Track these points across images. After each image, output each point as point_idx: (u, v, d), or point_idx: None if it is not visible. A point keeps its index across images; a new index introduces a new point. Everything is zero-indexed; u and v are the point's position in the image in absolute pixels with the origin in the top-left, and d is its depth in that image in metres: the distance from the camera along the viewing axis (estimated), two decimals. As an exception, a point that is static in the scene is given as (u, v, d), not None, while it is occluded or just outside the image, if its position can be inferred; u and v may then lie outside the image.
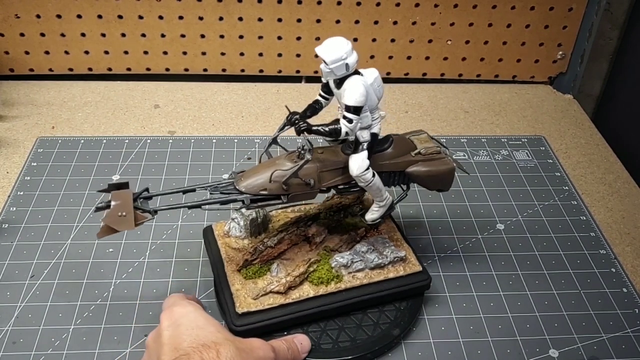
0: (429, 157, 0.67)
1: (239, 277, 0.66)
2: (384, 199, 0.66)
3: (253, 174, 0.63)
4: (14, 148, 0.92)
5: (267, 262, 0.67)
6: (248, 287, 0.65)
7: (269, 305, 0.63)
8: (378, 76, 0.62)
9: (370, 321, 0.66)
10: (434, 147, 0.67)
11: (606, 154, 0.98)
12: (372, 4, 1.04)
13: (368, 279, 0.67)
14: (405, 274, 0.68)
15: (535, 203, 0.86)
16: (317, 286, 0.66)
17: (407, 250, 0.70)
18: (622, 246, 0.81)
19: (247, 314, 0.63)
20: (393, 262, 0.68)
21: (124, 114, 1.01)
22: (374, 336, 0.65)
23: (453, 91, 1.12)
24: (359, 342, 0.64)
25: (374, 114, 0.62)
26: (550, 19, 1.07)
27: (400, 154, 0.66)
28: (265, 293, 0.64)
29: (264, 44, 1.08)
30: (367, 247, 0.69)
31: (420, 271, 0.68)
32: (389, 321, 0.66)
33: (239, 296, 0.64)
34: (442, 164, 0.67)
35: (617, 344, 0.67)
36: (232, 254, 0.69)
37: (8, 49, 1.05)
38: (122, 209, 0.59)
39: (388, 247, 0.69)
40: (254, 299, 0.64)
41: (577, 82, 1.11)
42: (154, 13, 1.03)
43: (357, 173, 0.62)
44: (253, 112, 1.03)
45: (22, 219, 0.79)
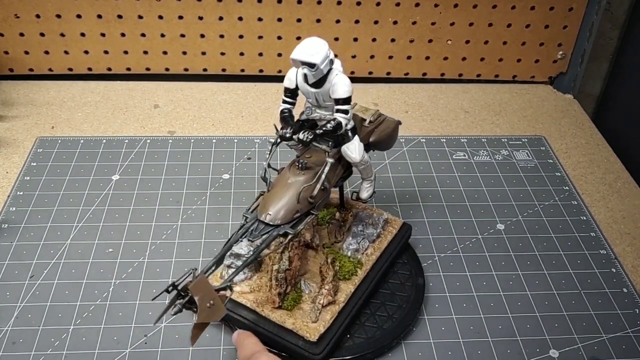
0: (378, 122, 0.71)
1: (281, 313, 0.63)
2: (373, 174, 0.69)
3: (276, 202, 0.60)
4: (14, 148, 0.92)
5: (295, 285, 0.65)
6: (299, 316, 0.62)
7: (331, 318, 0.62)
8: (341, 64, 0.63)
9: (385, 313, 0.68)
10: (374, 110, 0.71)
11: (606, 154, 0.98)
12: (372, 3, 1.04)
13: (378, 250, 0.71)
14: (396, 231, 0.73)
15: (535, 203, 0.86)
16: (349, 280, 0.67)
17: (383, 211, 0.75)
18: (623, 246, 0.81)
19: (321, 338, 0.61)
20: (383, 226, 0.73)
21: (124, 114, 1.01)
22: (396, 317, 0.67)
23: (453, 91, 1.12)
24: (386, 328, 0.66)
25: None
26: (551, 18, 1.07)
27: (360, 128, 0.68)
28: (319, 310, 0.62)
29: (264, 44, 1.08)
30: (362, 226, 0.72)
31: (403, 223, 0.75)
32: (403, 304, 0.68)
33: (301, 328, 0.61)
34: (389, 125, 0.71)
35: (618, 344, 0.67)
36: (252, 297, 0.64)
37: (8, 49, 1.05)
38: (208, 299, 0.53)
39: (372, 217, 0.74)
40: (313, 322, 0.62)
41: (577, 82, 1.11)
42: (153, 13, 1.03)
43: (360, 158, 0.64)
44: (253, 112, 1.03)
45: (22, 219, 0.79)
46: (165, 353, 0.64)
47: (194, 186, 0.86)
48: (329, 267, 0.66)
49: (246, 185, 0.86)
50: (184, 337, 0.65)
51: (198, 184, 0.86)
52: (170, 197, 0.84)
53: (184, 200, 0.83)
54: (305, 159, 0.63)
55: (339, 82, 0.60)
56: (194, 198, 0.84)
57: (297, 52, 0.59)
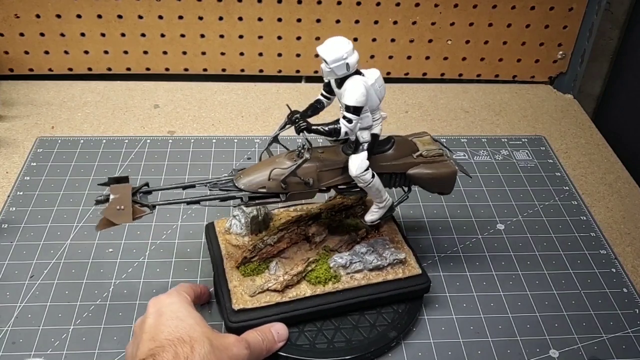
0: (430, 160, 0.66)
1: (237, 274, 0.66)
2: (383, 200, 0.66)
3: (252, 171, 0.63)
4: (14, 148, 0.92)
5: (266, 260, 0.67)
6: (246, 284, 0.65)
7: (265, 302, 0.64)
8: (379, 76, 0.61)
9: (367, 322, 0.66)
10: (436, 149, 0.67)
11: (606, 154, 0.98)
12: (372, 4, 1.04)
13: (366, 280, 0.66)
14: (404, 276, 0.67)
15: (535, 203, 0.86)
16: (314, 286, 0.66)
17: (408, 253, 0.69)
18: (623, 246, 0.81)
19: (243, 311, 0.63)
20: (392, 264, 0.68)
21: (124, 114, 1.01)
22: (370, 337, 0.65)
23: (453, 91, 1.12)
24: (355, 343, 0.64)
25: (374, 115, 0.62)
26: (551, 18, 1.07)
27: (402, 155, 0.66)
28: (262, 291, 0.64)
29: (264, 44, 1.08)
30: (366, 248, 0.68)
31: (420, 274, 0.68)
32: (386, 323, 0.66)
33: (235, 292, 0.64)
34: (444, 166, 0.66)
35: (618, 344, 0.67)
36: (232, 250, 0.69)
37: (8, 49, 1.05)
38: (121, 203, 0.59)
39: (388, 249, 0.69)
40: (250, 296, 0.64)
41: (577, 82, 1.11)
42: (153, 13, 1.03)
43: (356, 173, 0.62)
44: (253, 112, 1.03)
45: (22, 219, 0.79)
46: (165, 353, 0.64)
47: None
48: (301, 264, 0.66)
49: (246, 185, 0.86)
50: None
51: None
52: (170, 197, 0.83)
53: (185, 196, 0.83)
54: (318, 154, 0.64)
55: (350, 89, 0.58)
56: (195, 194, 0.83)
57: (322, 45, 0.59)
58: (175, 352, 0.51)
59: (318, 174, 0.63)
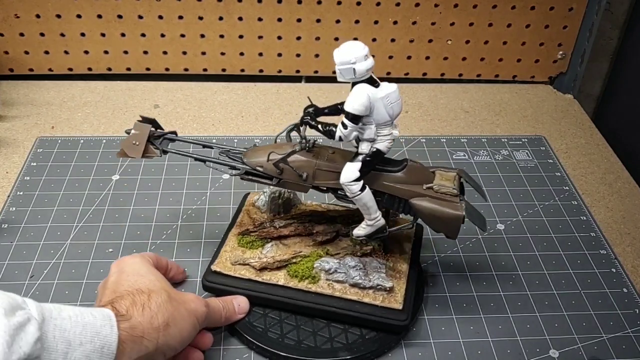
0: (438, 196, 0.62)
1: (234, 241, 0.70)
2: (372, 218, 0.64)
3: (259, 150, 0.66)
4: (14, 148, 0.92)
5: (265, 239, 0.70)
6: (234, 253, 0.69)
7: (239, 274, 0.66)
8: (394, 92, 0.59)
9: (327, 334, 0.64)
10: (451, 188, 0.62)
11: (606, 154, 0.98)
12: (372, 4, 1.04)
13: (341, 293, 0.65)
14: (381, 305, 0.64)
15: (535, 203, 0.86)
16: (291, 278, 0.66)
17: (399, 286, 0.66)
18: (623, 246, 0.81)
19: (218, 274, 0.66)
20: (375, 288, 0.65)
21: (124, 113, 1.01)
22: (320, 348, 0.63)
23: (453, 91, 1.12)
24: (303, 346, 0.63)
25: (382, 130, 0.60)
26: (551, 18, 1.07)
27: (411, 182, 0.63)
28: (242, 263, 0.67)
29: (264, 44, 1.08)
30: (355, 263, 0.66)
31: (399, 310, 0.64)
32: (343, 343, 0.64)
33: (222, 256, 0.68)
34: (450, 207, 0.62)
35: (618, 344, 0.67)
36: (246, 221, 0.73)
37: (8, 49, 1.05)
38: (138, 139, 0.65)
39: (377, 272, 0.66)
40: (231, 264, 0.67)
41: (577, 82, 1.11)
42: (153, 13, 1.03)
43: (343, 181, 0.61)
44: (253, 112, 1.03)
45: (22, 219, 0.79)
46: (165, 353, 0.64)
47: (194, 186, 0.86)
48: (289, 254, 0.67)
49: (246, 185, 0.86)
50: (184, 337, 0.65)
51: (198, 184, 0.86)
52: (170, 197, 0.84)
53: (184, 200, 0.83)
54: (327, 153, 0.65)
55: (352, 95, 0.58)
56: (194, 198, 0.84)
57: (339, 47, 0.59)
58: (133, 299, 0.54)
59: (315, 170, 0.64)
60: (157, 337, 0.53)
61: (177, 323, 0.55)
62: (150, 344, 0.53)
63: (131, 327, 0.51)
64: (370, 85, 0.58)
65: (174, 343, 0.55)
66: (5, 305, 0.44)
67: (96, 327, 0.48)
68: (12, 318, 0.44)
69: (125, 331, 0.50)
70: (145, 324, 0.53)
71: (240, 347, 0.65)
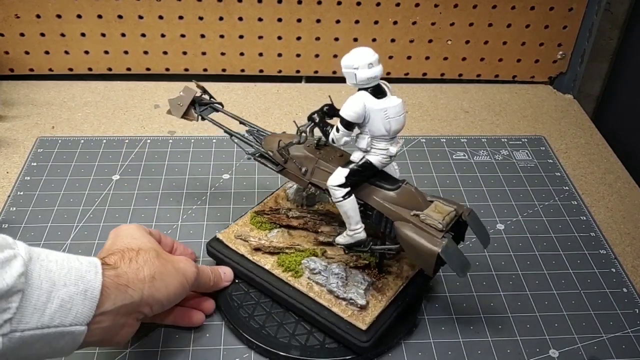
0: (422, 226, 0.59)
1: (248, 218, 0.74)
2: (352, 228, 0.62)
3: (277, 137, 0.68)
4: (14, 148, 0.92)
5: (274, 224, 0.72)
6: (243, 228, 0.72)
7: (235, 248, 0.70)
8: (396, 107, 0.58)
9: (291, 328, 0.65)
10: (437, 222, 0.58)
11: (606, 154, 0.98)
12: (372, 4, 1.04)
13: (317, 295, 0.64)
14: (346, 319, 0.62)
15: (535, 203, 0.86)
16: (278, 266, 0.68)
17: (376, 307, 0.63)
18: (622, 246, 0.81)
19: (219, 241, 0.71)
20: (348, 301, 0.63)
21: (124, 114, 1.01)
22: (276, 339, 0.63)
23: (453, 91, 1.12)
24: (263, 333, 0.64)
25: (377, 143, 0.60)
26: (551, 19, 1.07)
27: (401, 204, 0.60)
28: (243, 239, 0.70)
29: (264, 44, 1.08)
30: (339, 271, 0.65)
31: (361, 329, 0.61)
32: (301, 343, 0.63)
33: (231, 227, 0.72)
34: (428, 240, 0.58)
35: (617, 344, 0.67)
36: (270, 203, 0.76)
37: (8, 49, 1.05)
38: (182, 101, 0.71)
39: (356, 287, 0.64)
40: (235, 237, 0.71)
41: (577, 82, 1.11)
42: (154, 13, 1.03)
43: (329, 183, 0.61)
44: (253, 112, 1.03)
45: (22, 219, 0.79)
46: (165, 353, 0.64)
47: (194, 186, 0.86)
48: (286, 243, 0.69)
49: (246, 185, 0.86)
50: (184, 337, 0.65)
51: (198, 184, 0.86)
52: (170, 197, 0.84)
53: (184, 200, 0.83)
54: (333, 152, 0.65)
55: (348, 100, 0.58)
56: (194, 198, 0.84)
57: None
58: (122, 254, 0.57)
59: (314, 167, 0.64)
60: (142, 287, 0.55)
61: (163, 278, 0.57)
62: (135, 293, 0.55)
63: (116, 275, 0.54)
64: (370, 95, 0.57)
65: (159, 296, 0.57)
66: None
67: (81, 272, 0.51)
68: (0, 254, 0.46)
69: (110, 278, 0.53)
70: (131, 274, 0.55)
71: (240, 347, 0.65)
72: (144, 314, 0.57)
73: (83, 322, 0.50)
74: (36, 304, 0.47)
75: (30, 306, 0.47)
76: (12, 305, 0.46)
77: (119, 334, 0.56)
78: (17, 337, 0.46)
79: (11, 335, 0.46)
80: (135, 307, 0.55)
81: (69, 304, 0.49)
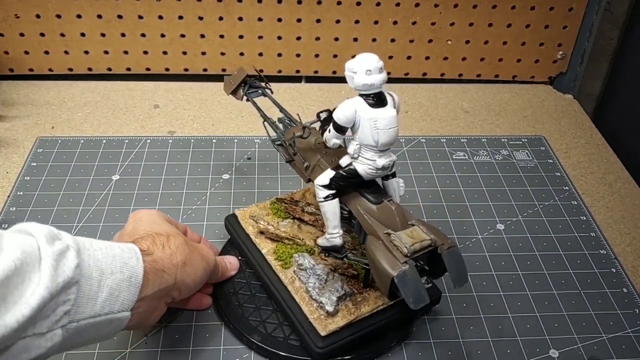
0: (389, 246, 0.57)
1: (269, 203, 0.76)
2: (329, 232, 0.63)
3: (297, 128, 0.70)
4: (14, 148, 0.92)
5: (288, 214, 0.74)
6: (261, 211, 0.75)
7: (244, 226, 0.72)
8: (384, 119, 0.57)
9: (265, 314, 0.66)
10: (405, 247, 0.55)
11: (606, 154, 0.98)
12: (372, 4, 1.04)
13: (294, 289, 0.65)
14: (310, 318, 0.62)
15: (535, 203, 0.86)
16: (272, 253, 0.69)
17: (343, 318, 0.62)
18: (622, 246, 0.81)
19: (234, 218, 0.74)
20: (319, 303, 0.63)
21: (124, 114, 1.01)
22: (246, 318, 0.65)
23: (453, 91, 1.12)
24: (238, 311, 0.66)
25: (365, 152, 0.58)
26: (551, 19, 1.07)
27: (380, 219, 0.59)
28: (255, 220, 0.72)
29: (264, 44, 1.08)
30: (320, 273, 0.65)
31: (320, 335, 0.61)
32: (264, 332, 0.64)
33: (250, 207, 0.75)
34: (388, 262, 0.55)
35: (617, 344, 0.67)
36: (296, 195, 0.77)
37: (8, 49, 1.05)
38: (234, 80, 0.75)
39: (330, 293, 0.63)
40: (249, 217, 0.73)
41: (577, 82, 1.11)
42: (153, 13, 1.03)
43: (315, 182, 0.62)
44: (253, 112, 1.02)
45: (22, 219, 0.79)
46: (165, 353, 0.64)
47: (194, 186, 0.86)
48: (289, 235, 0.70)
49: (246, 185, 0.86)
50: (184, 337, 0.65)
51: (198, 184, 0.86)
52: (170, 197, 0.84)
53: (184, 200, 0.83)
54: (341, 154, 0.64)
55: (342, 103, 0.57)
56: (194, 198, 0.84)
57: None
58: (153, 240, 0.58)
59: (315, 165, 0.65)
60: (175, 272, 0.57)
61: (192, 263, 0.59)
62: (170, 278, 0.56)
63: (153, 260, 0.55)
64: (365, 102, 0.57)
65: (189, 281, 0.59)
66: (46, 234, 0.47)
67: (124, 259, 0.52)
68: (54, 246, 0.47)
69: (149, 264, 0.54)
70: (166, 260, 0.56)
71: (240, 347, 0.65)
72: (173, 297, 0.59)
73: (128, 307, 0.52)
74: (89, 294, 0.48)
75: (85, 296, 0.48)
76: (71, 297, 0.47)
77: (150, 318, 0.57)
78: (73, 327, 0.48)
79: (69, 326, 0.47)
80: (167, 292, 0.57)
81: (116, 291, 0.50)
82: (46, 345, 0.46)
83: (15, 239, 0.45)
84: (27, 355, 0.45)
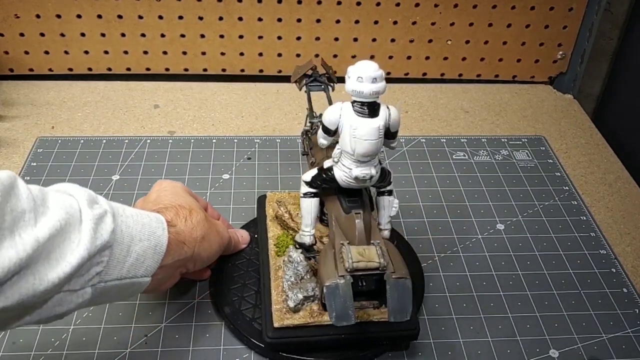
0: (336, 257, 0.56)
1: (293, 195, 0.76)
2: (302, 230, 0.64)
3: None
4: (14, 148, 0.92)
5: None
6: (288, 198, 0.76)
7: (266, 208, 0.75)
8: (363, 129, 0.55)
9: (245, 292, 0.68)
10: (347, 260, 0.55)
11: (606, 154, 0.98)
12: (372, 4, 1.04)
13: (276, 277, 0.66)
14: (273, 308, 0.62)
15: (535, 203, 0.86)
16: (275, 239, 0.71)
17: (300, 318, 0.62)
18: (622, 246, 0.81)
19: (264, 199, 0.76)
20: (287, 297, 0.63)
21: (124, 114, 1.01)
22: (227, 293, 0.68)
23: (453, 91, 1.12)
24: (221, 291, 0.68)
25: (344, 158, 0.58)
26: (551, 19, 1.07)
27: (343, 227, 0.59)
28: (278, 204, 0.74)
29: (264, 44, 1.08)
30: (301, 270, 0.65)
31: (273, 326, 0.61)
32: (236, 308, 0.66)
33: (282, 193, 0.78)
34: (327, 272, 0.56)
35: (617, 344, 0.67)
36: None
37: (8, 49, 1.05)
38: (300, 70, 0.76)
39: (298, 290, 0.62)
40: (275, 200, 0.75)
41: (577, 82, 1.11)
42: (153, 13, 1.03)
43: (302, 176, 0.62)
44: (253, 112, 1.03)
45: (22, 219, 0.79)
46: (165, 353, 0.64)
47: (194, 186, 0.86)
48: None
49: (246, 185, 0.86)
50: (184, 337, 0.65)
51: (198, 184, 0.86)
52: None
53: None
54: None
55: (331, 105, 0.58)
56: (194, 198, 0.84)
57: None
58: (177, 212, 0.60)
59: (319, 161, 0.65)
60: (194, 246, 0.60)
61: (210, 239, 0.63)
62: (189, 250, 0.59)
63: (176, 232, 0.58)
64: (352, 108, 0.56)
65: (204, 255, 0.62)
66: (87, 197, 0.50)
67: (152, 228, 0.55)
68: (93, 209, 0.49)
69: (172, 235, 0.57)
70: (187, 233, 0.60)
71: (240, 347, 0.65)
72: (187, 268, 0.62)
73: (149, 273, 0.55)
74: (119, 258, 0.51)
75: (115, 259, 0.51)
76: (104, 259, 0.50)
77: (165, 284, 0.61)
78: (101, 287, 0.51)
79: (98, 286, 0.50)
80: (184, 262, 0.60)
81: (142, 257, 0.53)
82: (77, 301, 0.49)
83: (60, 199, 0.48)
84: (60, 309, 0.49)
